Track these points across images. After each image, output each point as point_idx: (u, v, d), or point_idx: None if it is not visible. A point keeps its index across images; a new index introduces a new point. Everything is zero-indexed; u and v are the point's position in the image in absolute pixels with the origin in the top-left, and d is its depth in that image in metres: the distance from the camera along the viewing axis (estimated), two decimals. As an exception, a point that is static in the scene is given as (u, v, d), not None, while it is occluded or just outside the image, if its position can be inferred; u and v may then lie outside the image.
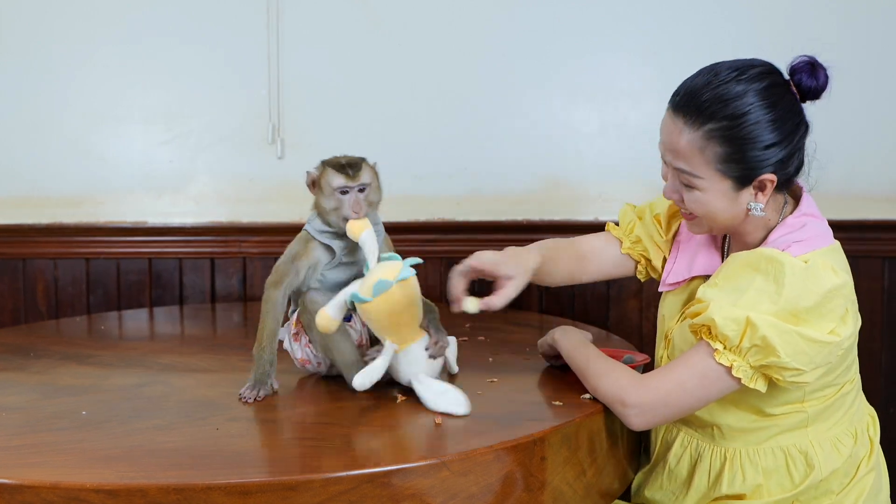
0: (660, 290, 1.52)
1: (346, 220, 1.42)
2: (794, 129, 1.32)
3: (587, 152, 2.37)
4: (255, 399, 1.37)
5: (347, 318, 1.46)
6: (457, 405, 1.29)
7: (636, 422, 1.31)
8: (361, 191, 1.45)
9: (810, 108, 1.42)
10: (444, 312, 1.47)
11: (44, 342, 1.88)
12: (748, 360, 1.25)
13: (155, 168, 2.45)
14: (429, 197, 2.39)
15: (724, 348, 1.26)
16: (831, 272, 1.27)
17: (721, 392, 1.30)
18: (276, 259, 1.50)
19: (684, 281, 1.48)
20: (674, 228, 1.54)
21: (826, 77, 1.36)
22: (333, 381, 1.50)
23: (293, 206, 2.41)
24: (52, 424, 1.26)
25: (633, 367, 1.49)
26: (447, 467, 1.10)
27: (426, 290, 1.45)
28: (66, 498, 1.02)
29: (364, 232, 1.40)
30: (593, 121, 2.37)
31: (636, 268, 1.60)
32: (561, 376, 1.53)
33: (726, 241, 1.47)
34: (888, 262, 2.31)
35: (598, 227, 2.32)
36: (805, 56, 1.34)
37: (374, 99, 2.40)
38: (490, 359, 1.67)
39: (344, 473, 1.06)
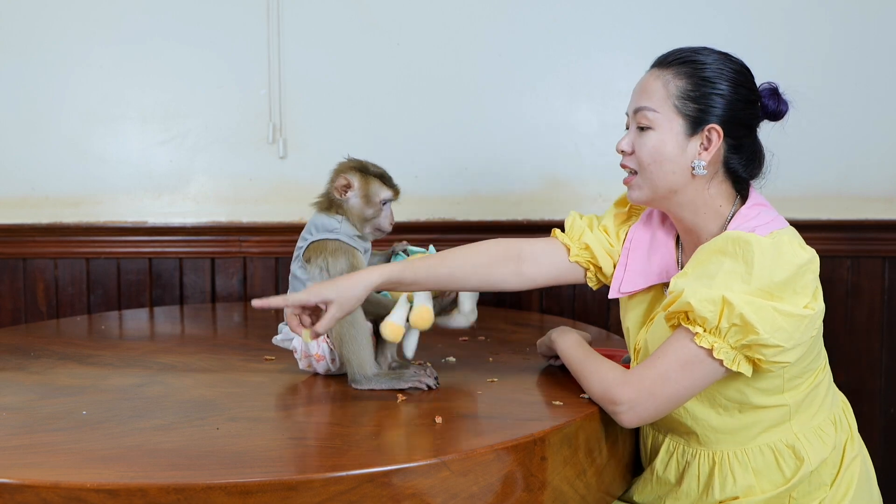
0: (610, 296, 1.51)
1: (378, 229, 1.55)
2: (747, 108, 1.38)
3: (587, 152, 2.37)
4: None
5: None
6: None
7: (626, 419, 1.31)
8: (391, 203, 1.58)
9: (811, 108, 1.49)
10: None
11: (43, 342, 1.88)
12: (728, 341, 1.25)
13: (154, 168, 2.45)
14: (428, 197, 2.39)
15: (704, 331, 1.25)
16: (798, 248, 1.28)
17: (706, 378, 1.28)
18: (276, 259, 1.50)
19: (641, 290, 1.47)
20: (622, 237, 1.54)
21: (787, 105, 1.43)
22: (334, 381, 1.50)
23: (293, 206, 2.41)
24: (52, 424, 1.26)
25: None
26: (447, 467, 1.10)
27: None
28: (66, 498, 1.02)
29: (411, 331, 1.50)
30: (593, 121, 2.37)
31: (585, 275, 1.55)
32: (561, 376, 1.53)
33: (679, 246, 1.47)
34: (888, 262, 2.31)
35: (597, 227, 2.35)
36: (769, 83, 1.42)
37: (373, 99, 2.40)
38: (490, 359, 1.67)
39: (344, 473, 1.06)
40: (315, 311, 1.38)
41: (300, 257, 1.52)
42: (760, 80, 1.44)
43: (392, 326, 1.43)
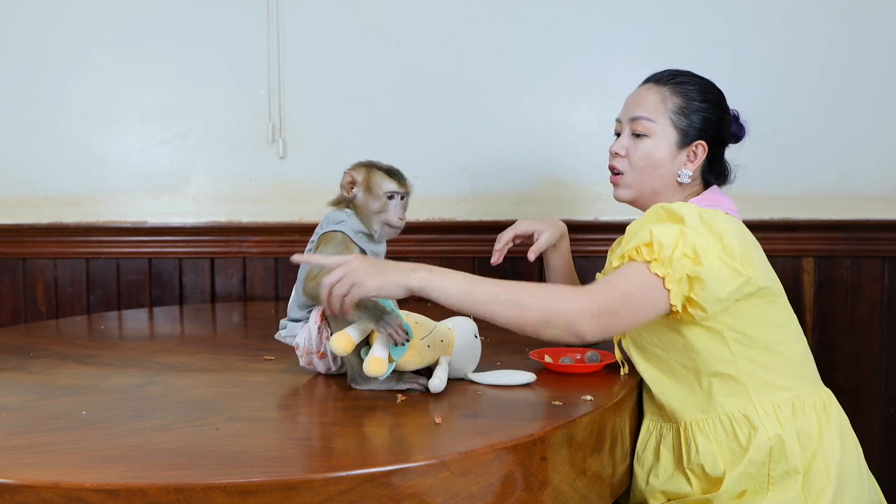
0: None
1: (387, 224, 1.54)
2: (724, 129, 1.57)
3: (587, 152, 2.37)
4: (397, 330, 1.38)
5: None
6: (521, 377, 1.45)
7: (589, 328, 1.29)
8: (402, 198, 1.55)
9: (811, 108, 1.42)
10: (445, 312, 1.46)
11: (43, 342, 1.88)
12: (678, 272, 1.30)
13: (154, 168, 2.45)
14: (428, 196, 2.39)
15: (657, 261, 1.31)
16: (724, 218, 1.39)
17: (654, 309, 1.33)
18: (276, 259, 1.50)
19: None
20: None
21: (745, 131, 1.63)
22: (334, 381, 1.50)
23: (293, 206, 2.42)
24: (52, 424, 1.26)
25: (599, 366, 1.56)
26: (447, 467, 1.10)
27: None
28: (65, 498, 1.02)
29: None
30: (592, 120, 2.37)
31: None
32: (561, 376, 1.53)
33: None
34: (888, 262, 2.31)
35: (597, 227, 2.35)
36: (733, 110, 1.62)
37: (373, 98, 2.40)
38: (490, 359, 1.67)
39: (344, 473, 1.06)
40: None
41: (312, 248, 1.54)
42: (761, 80, 1.47)
43: (377, 361, 1.37)
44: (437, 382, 1.40)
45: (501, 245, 1.71)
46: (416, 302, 1.54)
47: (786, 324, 1.47)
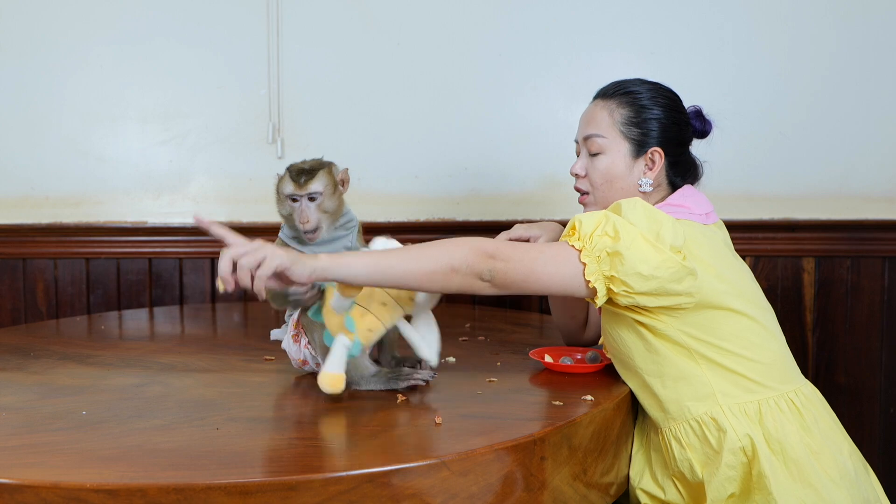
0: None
1: (295, 228, 1.47)
2: (680, 129, 1.56)
3: (587, 152, 2.37)
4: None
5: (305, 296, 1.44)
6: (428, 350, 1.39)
7: (483, 267, 1.32)
8: (312, 199, 1.46)
9: (811, 108, 1.40)
10: (446, 312, 1.46)
11: (43, 342, 1.88)
12: (596, 251, 1.34)
13: (154, 168, 2.45)
14: (428, 197, 2.39)
15: (575, 236, 1.37)
16: (685, 223, 1.43)
17: (561, 277, 1.36)
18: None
19: None
20: None
21: (710, 125, 1.61)
22: (333, 381, 1.50)
23: (293, 206, 2.41)
24: (52, 424, 1.26)
25: (599, 366, 1.56)
26: (447, 467, 1.10)
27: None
28: (65, 498, 1.02)
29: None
30: (593, 121, 2.37)
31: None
32: (561, 376, 1.53)
33: None
34: (888, 262, 2.31)
35: (597, 227, 2.34)
36: (694, 106, 1.61)
37: (373, 99, 2.40)
38: (490, 359, 1.67)
39: (344, 473, 1.06)
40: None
41: None
42: (762, 80, 1.46)
43: (330, 378, 1.34)
44: (428, 351, 1.39)
45: None
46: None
47: (757, 331, 1.44)
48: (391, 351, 1.55)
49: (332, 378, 1.33)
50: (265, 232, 2.42)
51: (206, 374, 1.59)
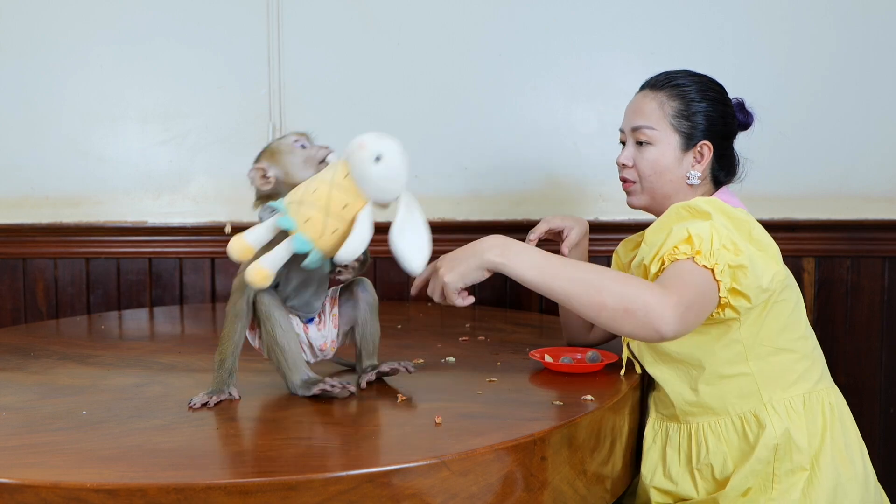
0: None
1: (322, 162, 1.41)
2: (727, 122, 1.56)
3: (587, 152, 2.37)
4: (203, 405, 1.33)
5: (331, 270, 1.42)
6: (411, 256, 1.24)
7: (671, 321, 1.23)
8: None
9: (811, 108, 1.43)
10: (446, 312, 1.46)
11: (43, 342, 1.88)
12: (721, 263, 1.30)
13: (154, 168, 2.45)
14: (428, 197, 2.39)
15: (700, 253, 1.30)
16: (744, 212, 1.42)
17: (712, 302, 1.31)
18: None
19: None
20: (629, 260, 1.66)
21: (752, 117, 1.61)
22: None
23: (293, 206, 2.41)
24: (52, 424, 1.26)
25: (599, 366, 1.55)
26: (447, 467, 1.10)
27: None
28: (65, 498, 1.02)
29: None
30: (592, 120, 2.37)
31: None
32: (561, 376, 1.53)
33: None
34: (888, 262, 2.31)
35: (597, 227, 2.34)
36: (737, 98, 1.61)
37: (373, 98, 2.40)
38: (490, 359, 1.67)
39: (344, 473, 1.06)
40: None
41: None
42: (762, 80, 1.47)
43: (260, 272, 1.24)
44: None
45: (535, 237, 1.68)
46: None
47: (800, 320, 1.48)
48: (370, 359, 1.50)
49: (257, 270, 1.23)
50: (265, 232, 2.43)
51: (206, 374, 1.58)
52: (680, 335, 1.26)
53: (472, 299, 1.39)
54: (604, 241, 2.20)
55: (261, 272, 1.24)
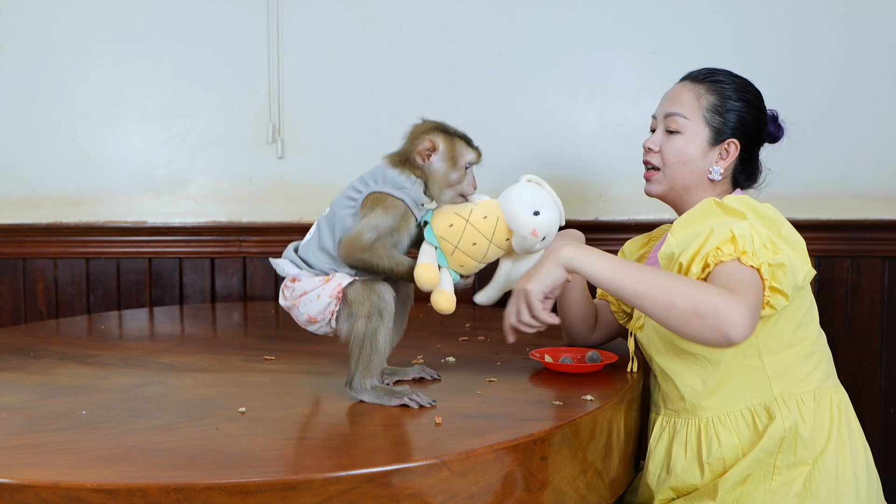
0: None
1: (462, 195, 1.49)
2: (759, 128, 1.59)
3: (587, 152, 2.37)
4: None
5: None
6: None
7: (742, 326, 1.23)
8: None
9: (812, 108, 1.60)
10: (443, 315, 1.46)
11: (43, 342, 1.88)
12: (764, 263, 1.31)
13: (154, 168, 2.45)
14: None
15: (746, 253, 1.31)
16: (773, 208, 1.45)
17: (762, 302, 1.32)
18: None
19: None
20: (637, 258, 1.69)
21: (783, 132, 1.66)
22: (333, 381, 1.50)
23: (293, 206, 2.41)
24: (52, 424, 1.26)
25: (599, 366, 1.55)
26: (447, 467, 1.10)
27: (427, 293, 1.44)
28: (65, 498, 1.02)
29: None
30: (592, 120, 2.37)
31: (610, 308, 1.72)
32: (561, 376, 1.53)
33: None
34: (888, 262, 2.31)
35: (598, 227, 2.35)
36: (772, 110, 1.64)
37: (373, 98, 2.40)
38: (490, 359, 1.67)
39: (344, 473, 1.06)
40: None
41: (357, 202, 1.40)
42: (762, 80, 1.48)
43: (428, 269, 1.37)
44: (481, 295, 1.46)
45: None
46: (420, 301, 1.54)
47: (814, 317, 1.50)
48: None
49: (444, 295, 1.39)
50: (265, 231, 2.43)
51: (206, 374, 1.59)
52: (745, 339, 1.26)
53: (556, 318, 1.41)
54: (604, 240, 2.19)
55: (453, 302, 1.40)
